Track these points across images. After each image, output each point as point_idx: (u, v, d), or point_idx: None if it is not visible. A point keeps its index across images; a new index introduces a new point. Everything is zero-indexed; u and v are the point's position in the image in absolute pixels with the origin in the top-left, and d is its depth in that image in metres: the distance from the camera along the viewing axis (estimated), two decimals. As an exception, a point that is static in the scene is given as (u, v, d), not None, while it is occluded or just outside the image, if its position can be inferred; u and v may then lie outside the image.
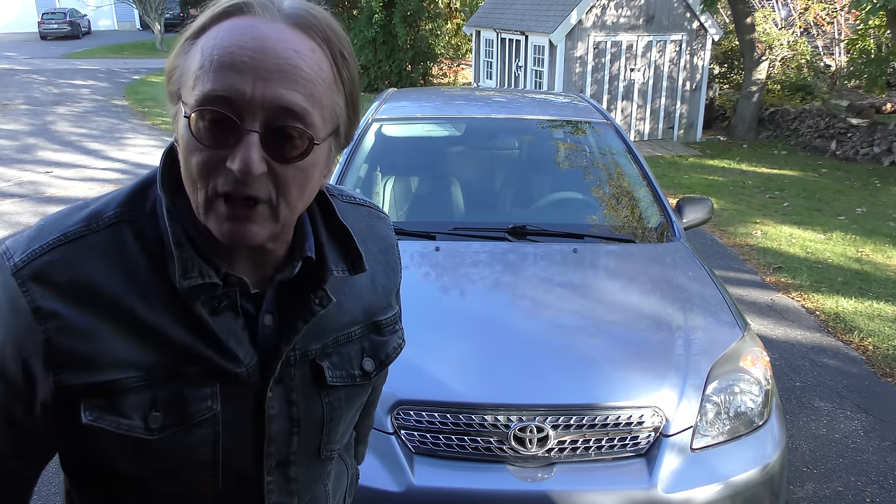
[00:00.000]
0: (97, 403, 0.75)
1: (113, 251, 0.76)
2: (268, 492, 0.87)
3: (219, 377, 0.79)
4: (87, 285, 0.74)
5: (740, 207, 7.65)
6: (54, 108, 13.69)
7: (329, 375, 0.87)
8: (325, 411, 0.89)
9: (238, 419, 0.82)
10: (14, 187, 7.73)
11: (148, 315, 0.76)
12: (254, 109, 0.70)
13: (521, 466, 1.96)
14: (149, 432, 0.77)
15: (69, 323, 0.74)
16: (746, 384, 2.16)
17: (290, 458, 0.88)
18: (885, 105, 11.22)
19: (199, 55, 0.71)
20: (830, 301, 4.97)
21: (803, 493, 2.91)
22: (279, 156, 0.72)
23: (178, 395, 0.77)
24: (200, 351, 0.78)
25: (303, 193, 0.76)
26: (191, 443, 0.80)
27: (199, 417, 0.79)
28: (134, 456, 0.79)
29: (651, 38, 11.43)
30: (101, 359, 0.75)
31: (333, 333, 0.88)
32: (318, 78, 0.72)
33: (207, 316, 0.77)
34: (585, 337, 2.32)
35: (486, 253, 2.81)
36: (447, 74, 19.68)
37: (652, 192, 3.18)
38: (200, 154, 0.71)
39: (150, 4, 27.51)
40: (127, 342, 0.75)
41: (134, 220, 0.78)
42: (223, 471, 0.83)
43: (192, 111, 0.70)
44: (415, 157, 3.55)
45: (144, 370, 0.76)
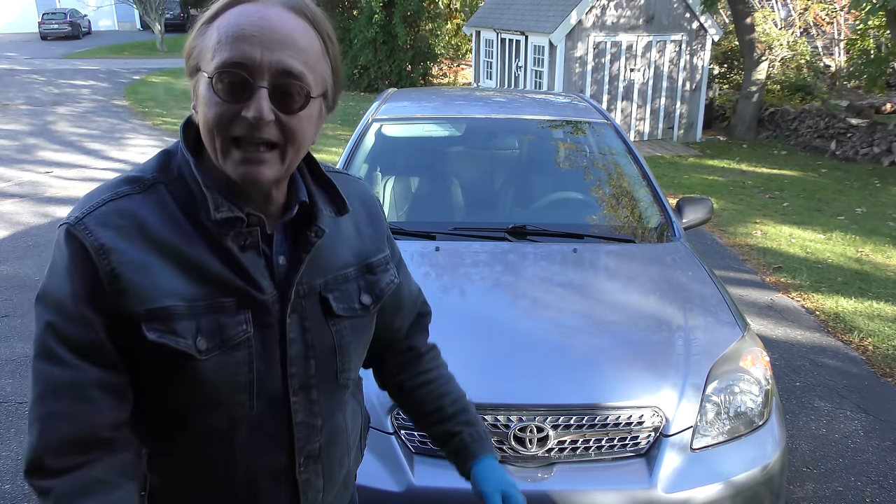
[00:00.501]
0: (156, 326, 0.91)
1: (157, 204, 0.93)
2: (294, 411, 1.02)
3: (249, 306, 0.96)
4: (139, 228, 0.91)
5: (740, 207, 7.65)
6: (54, 108, 13.70)
7: (335, 306, 1.05)
8: (335, 339, 1.05)
9: (266, 343, 0.98)
10: (14, 187, 7.73)
11: (191, 253, 0.93)
12: (262, 71, 0.88)
13: (521, 466, 1.97)
14: (199, 353, 0.93)
15: (128, 257, 0.89)
16: (746, 384, 2.16)
17: (310, 381, 1.03)
18: (884, 105, 11.22)
19: (215, 33, 0.90)
20: (830, 301, 4.97)
21: (803, 493, 2.91)
22: (284, 107, 0.90)
23: (218, 322, 0.94)
24: (233, 282, 0.95)
25: (303, 140, 0.94)
26: (231, 364, 0.95)
27: (236, 339, 0.95)
28: (186, 378, 0.94)
29: (651, 39, 11.43)
30: (156, 289, 0.90)
31: (332, 272, 1.06)
32: (310, 49, 0.92)
33: (237, 251, 0.95)
34: (585, 337, 2.32)
35: (486, 253, 2.81)
36: (447, 74, 19.68)
37: (652, 192, 3.18)
38: (220, 107, 0.89)
39: (151, 5, 27.50)
40: (175, 276, 0.92)
41: (167, 183, 0.95)
42: (257, 392, 0.98)
43: (213, 74, 0.88)
44: (415, 157, 3.55)
45: (189, 301, 0.92)
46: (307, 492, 1.08)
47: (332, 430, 1.10)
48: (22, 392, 3.55)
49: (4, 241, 5.90)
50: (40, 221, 6.48)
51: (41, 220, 6.50)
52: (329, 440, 1.10)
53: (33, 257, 5.50)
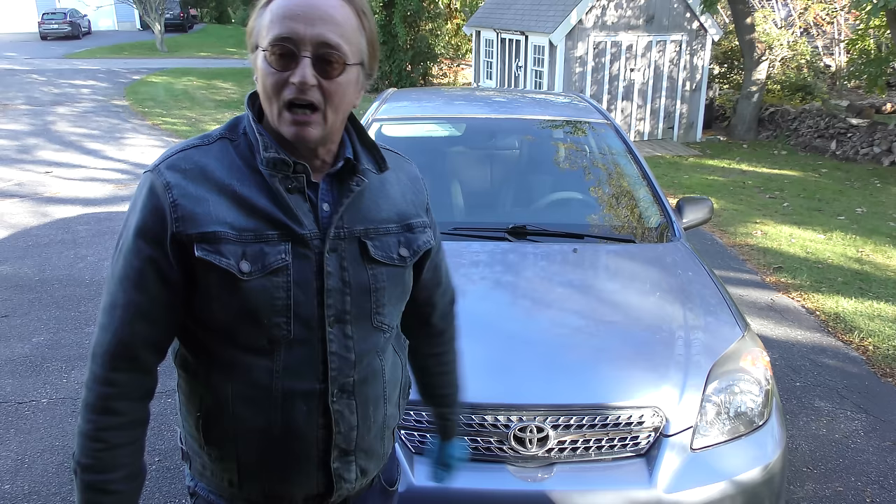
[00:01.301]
0: (205, 247, 1.08)
1: (220, 154, 1.13)
2: (329, 340, 1.15)
3: (290, 238, 1.11)
4: (200, 170, 1.10)
5: (740, 207, 7.65)
6: (54, 108, 13.70)
7: (372, 251, 1.18)
8: (371, 281, 1.18)
9: (304, 274, 1.12)
10: (14, 187, 7.73)
11: (242, 191, 1.10)
12: (305, 44, 1.05)
13: (521, 466, 1.96)
14: (241, 273, 1.08)
15: (188, 192, 1.09)
16: (746, 384, 2.16)
17: (346, 316, 1.16)
18: (885, 105, 11.22)
19: (269, 14, 1.08)
20: (830, 301, 4.97)
21: (803, 493, 2.91)
22: (324, 73, 1.07)
23: (261, 251, 1.10)
24: (278, 217, 1.10)
25: (342, 102, 1.11)
26: (270, 286, 1.10)
27: (275, 265, 1.10)
28: (230, 295, 1.09)
29: (651, 38, 11.43)
30: (209, 217, 1.08)
31: (374, 223, 1.19)
32: (346, 24, 1.08)
33: (283, 192, 1.11)
34: (585, 337, 2.32)
35: (486, 253, 2.81)
36: (447, 74, 19.68)
37: (652, 192, 3.18)
38: (273, 76, 1.07)
39: (151, 5, 27.50)
40: (227, 209, 1.09)
41: (233, 139, 1.15)
42: (294, 318, 1.12)
43: (267, 48, 1.06)
44: (415, 157, 3.50)
45: (238, 230, 1.09)
46: (340, 423, 1.18)
47: (368, 370, 1.21)
48: (22, 392, 3.55)
49: (4, 241, 5.90)
50: (40, 221, 6.47)
51: (41, 220, 6.50)
52: (364, 378, 1.20)
53: (33, 257, 5.50)
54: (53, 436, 3.19)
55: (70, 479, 2.87)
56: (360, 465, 1.24)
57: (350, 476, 1.23)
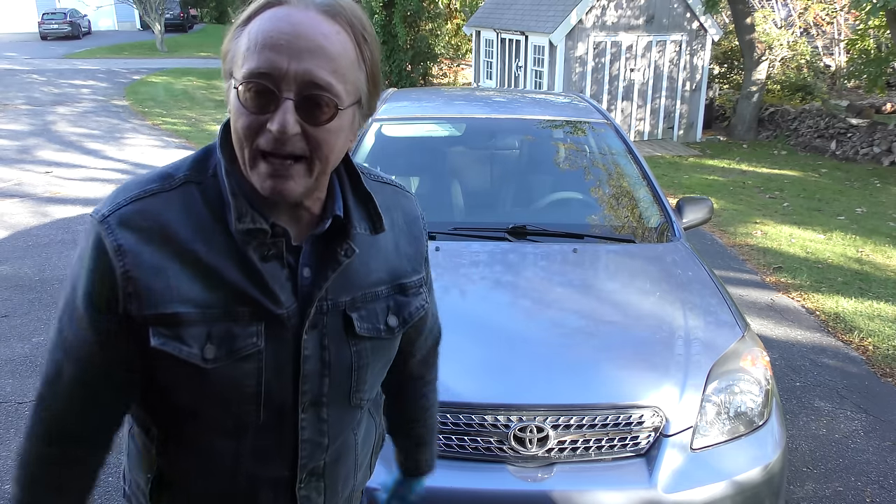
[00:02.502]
0: (163, 332, 0.90)
1: (183, 205, 0.92)
2: (301, 427, 1.01)
3: (264, 318, 0.93)
4: (160, 231, 0.90)
5: (740, 207, 7.65)
6: (54, 108, 13.70)
7: (357, 326, 1.01)
8: (354, 359, 1.02)
9: (278, 357, 0.96)
10: (14, 187, 7.73)
11: (209, 259, 0.91)
12: (289, 81, 0.84)
13: (521, 466, 1.96)
14: (204, 361, 0.91)
15: (144, 260, 0.89)
16: (746, 384, 2.16)
17: (322, 398, 1.01)
18: (885, 105, 11.22)
19: (246, 39, 0.87)
20: (830, 301, 4.97)
21: (803, 493, 2.91)
22: (310, 119, 0.86)
23: (229, 332, 0.92)
24: (250, 292, 0.92)
25: (332, 152, 0.91)
26: (238, 375, 0.94)
27: (245, 352, 0.93)
28: (192, 383, 0.93)
29: (651, 38, 11.43)
30: (168, 294, 0.89)
31: (361, 290, 1.02)
32: (342, 57, 0.87)
33: (257, 261, 0.92)
34: (585, 337, 2.32)
35: (486, 253, 2.81)
36: (447, 74, 19.68)
37: (652, 192, 3.18)
38: (247, 118, 0.86)
39: (151, 5, 27.49)
40: (190, 282, 0.90)
41: (200, 182, 0.93)
42: (265, 404, 0.97)
43: (240, 84, 0.86)
44: (415, 157, 3.55)
45: (203, 308, 0.90)
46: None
47: (340, 449, 1.08)
48: (22, 392, 3.55)
49: (4, 241, 5.90)
50: (40, 221, 6.47)
51: (41, 220, 6.50)
52: (336, 459, 1.08)
53: (33, 257, 5.50)
54: (53, 436, 3.19)
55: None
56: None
57: None
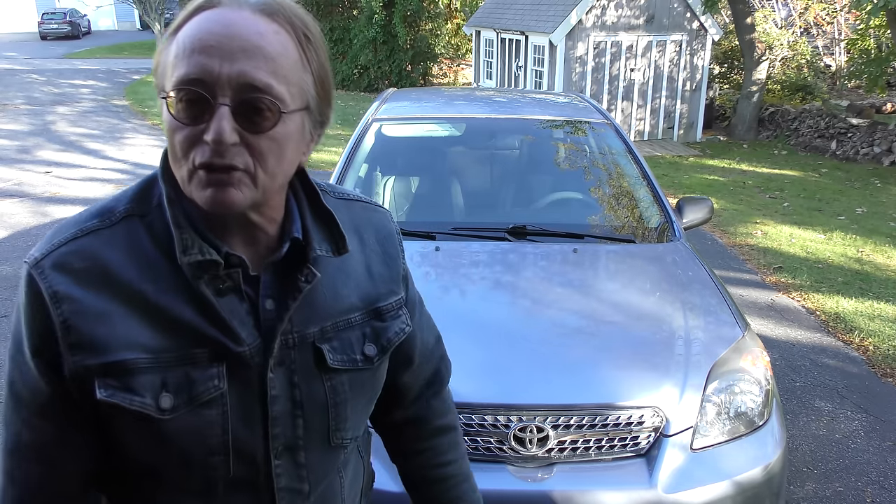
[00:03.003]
0: (110, 382, 0.80)
1: (125, 242, 0.83)
2: (276, 475, 0.91)
3: (224, 358, 0.84)
4: (100, 272, 0.81)
5: (740, 207, 7.65)
6: (54, 108, 13.70)
7: (330, 358, 0.91)
8: (329, 395, 0.92)
9: (244, 400, 0.86)
10: (14, 187, 7.73)
11: (158, 298, 0.82)
12: (223, 86, 0.76)
13: (521, 466, 1.96)
14: (160, 412, 0.82)
15: (84, 306, 0.80)
16: (746, 384, 2.16)
17: (297, 442, 0.91)
18: (885, 105, 11.22)
19: (174, 47, 0.79)
20: (831, 301, 4.97)
21: (803, 493, 2.91)
22: (251, 127, 0.78)
23: (187, 377, 0.83)
24: (206, 332, 0.83)
25: (280, 163, 0.82)
26: (201, 423, 0.84)
27: (206, 396, 0.84)
28: (148, 439, 0.83)
29: (651, 38, 11.43)
30: (114, 340, 0.80)
31: (331, 319, 0.93)
32: (281, 56, 0.79)
33: (212, 297, 0.83)
34: (585, 337, 2.32)
35: (486, 253, 2.81)
36: (447, 74, 19.69)
37: (652, 192, 3.18)
38: (181, 132, 0.78)
39: (150, 4, 27.45)
40: (139, 325, 0.81)
41: (143, 215, 0.85)
42: (234, 455, 0.87)
43: (170, 92, 0.77)
44: (415, 157, 3.55)
45: (155, 353, 0.82)
46: None
47: (325, 494, 0.99)
48: (22, 392, 3.54)
49: (4, 241, 5.90)
50: (40, 221, 6.47)
51: (41, 220, 6.50)
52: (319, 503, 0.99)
53: (33, 257, 5.49)
54: (53, 436, 3.19)
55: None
56: None
57: None
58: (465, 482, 1.16)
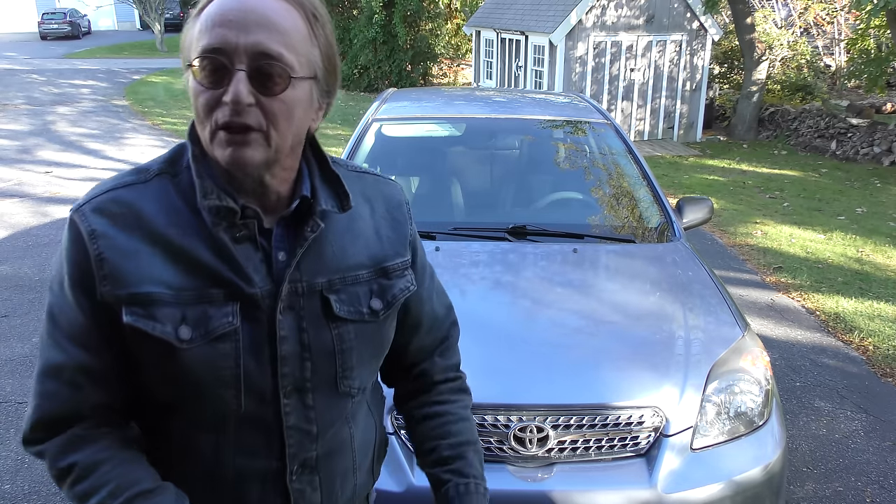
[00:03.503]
0: (136, 311, 0.92)
1: (157, 195, 0.95)
2: (285, 413, 0.99)
3: (238, 298, 0.95)
4: (133, 217, 0.93)
5: (740, 207, 7.65)
6: (54, 108, 13.70)
7: (336, 308, 1.01)
8: (335, 343, 1.01)
9: (255, 339, 0.96)
10: (14, 187, 7.73)
11: (182, 242, 0.93)
12: (240, 54, 0.88)
13: (521, 466, 1.96)
14: (179, 342, 0.92)
15: (117, 244, 0.92)
16: (746, 384, 2.16)
17: (305, 384, 1.00)
18: (885, 105, 11.22)
19: (198, 24, 0.91)
20: (830, 301, 4.97)
21: (803, 493, 2.91)
22: (264, 90, 0.89)
23: (204, 313, 0.94)
24: (223, 274, 0.94)
25: (290, 124, 0.93)
26: (215, 355, 0.94)
27: (221, 330, 0.94)
28: (168, 368, 0.93)
29: (651, 38, 11.43)
30: (141, 274, 0.92)
31: (339, 273, 1.02)
32: (291, 30, 0.91)
33: (229, 242, 0.94)
34: (585, 337, 2.32)
35: (486, 253, 2.81)
36: (447, 74, 19.69)
37: (652, 192, 3.18)
38: (204, 95, 0.90)
39: (150, 4, 27.50)
40: (164, 265, 0.93)
41: (174, 174, 0.97)
42: (245, 390, 0.96)
43: (195, 61, 0.90)
44: (415, 157, 3.55)
45: (176, 290, 0.93)
46: (299, 502, 1.04)
47: (333, 441, 1.06)
48: (22, 392, 3.55)
49: (4, 241, 5.90)
50: (40, 221, 6.47)
51: (41, 220, 6.50)
52: (329, 452, 1.05)
53: (33, 257, 5.50)
54: (53, 436, 3.19)
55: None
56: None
57: None
58: (457, 422, 1.20)
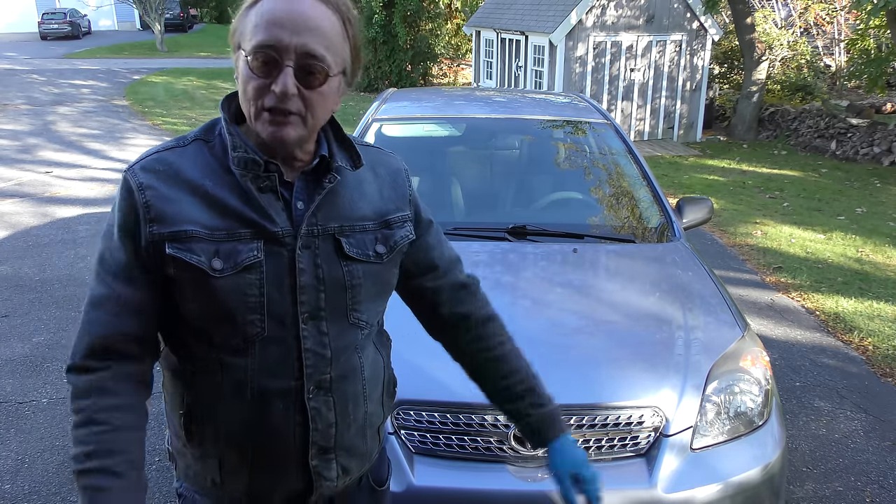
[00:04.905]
0: (177, 245, 1.10)
1: (194, 155, 1.14)
2: (303, 337, 1.15)
3: (262, 236, 1.13)
4: (174, 173, 1.12)
5: (740, 207, 7.65)
6: (55, 108, 13.70)
7: (346, 248, 1.18)
8: (346, 278, 1.18)
9: (277, 270, 1.13)
10: (14, 187, 7.73)
11: (215, 191, 1.12)
12: (290, 52, 1.05)
13: (521, 466, 1.96)
14: (213, 271, 1.10)
15: (160, 193, 1.11)
16: (746, 384, 2.16)
17: (320, 312, 1.16)
18: (885, 105, 11.22)
19: (254, 17, 1.07)
20: (830, 301, 4.97)
21: (803, 493, 2.91)
22: (306, 83, 1.08)
23: (234, 248, 1.11)
24: (250, 216, 1.12)
25: (323, 111, 1.12)
26: (243, 284, 1.11)
27: (247, 262, 1.11)
28: (202, 295, 1.11)
29: (651, 38, 11.43)
30: (180, 216, 1.10)
31: (349, 221, 1.20)
32: (331, 34, 1.09)
33: (255, 191, 1.12)
34: (585, 337, 2.32)
35: (486, 253, 2.81)
36: (447, 74, 19.68)
37: (652, 192, 3.18)
38: (255, 81, 1.07)
39: (150, 4, 27.49)
40: (200, 210, 1.11)
41: (208, 140, 1.16)
42: (268, 313, 1.13)
43: (250, 54, 1.07)
44: (415, 157, 3.54)
45: (210, 229, 1.11)
46: (317, 420, 1.18)
47: (345, 366, 1.21)
48: (22, 392, 3.55)
49: (4, 241, 5.90)
50: (40, 221, 6.48)
51: (41, 220, 6.50)
52: (341, 375, 1.20)
53: (33, 257, 5.50)
54: (54, 436, 3.19)
55: (70, 479, 2.87)
56: (342, 464, 1.24)
57: (330, 474, 1.23)
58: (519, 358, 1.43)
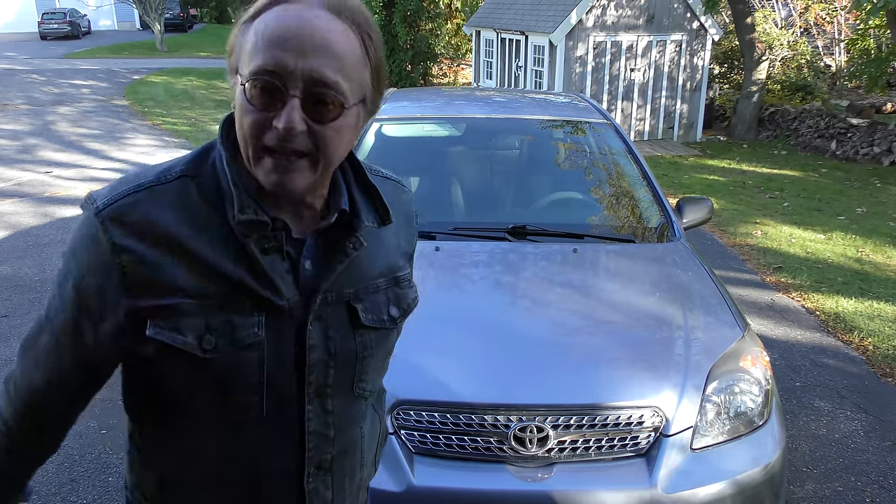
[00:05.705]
0: (160, 323, 0.90)
1: (179, 199, 0.92)
2: (308, 419, 1.00)
3: (265, 309, 0.94)
4: (155, 225, 0.90)
5: (740, 207, 7.65)
6: (55, 108, 13.69)
7: (363, 317, 1.02)
8: (359, 349, 1.02)
9: (281, 348, 0.96)
10: (14, 187, 7.73)
11: (206, 251, 0.91)
12: (296, 79, 0.85)
13: (521, 466, 1.96)
14: (203, 352, 0.91)
15: (140, 256, 0.89)
16: (746, 384, 2.16)
17: (327, 390, 1.01)
18: (885, 105, 11.22)
19: (252, 35, 0.87)
20: (830, 301, 4.97)
21: (803, 493, 2.91)
22: (316, 117, 0.87)
23: (229, 323, 0.92)
24: (250, 284, 0.92)
25: (338, 149, 0.91)
26: (240, 363, 0.93)
27: (247, 341, 0.93)
28: (191, 373, 0.93)
29: (651, 38, 11.43)
30: (165, 286, 0.90)
31: (364, 282, 1.03)
32: (348, 55, 0.87)
33: (258, 254, 0.92)
34: (585, 337, 2.32)
35: (486, 253, 2.81)
36: (447, 74, 19.68)
37: (652, 192, 3.18)
38: (252, 115, 0.86)
39: (150, 4, 27.49)
40: (187, 274, 0.90)
41: (196, 176, 0.94)
42: (267, 394, 0.96)
43: (246, 81, 0.86)
44: (415, 157, 3.55)
45: (200, 298, 0.91)
46: (314, 501, 1.06)
47: (346, 442, 1.08)
48: (22, 392, 3.55)
49: (4, 241, 5.90)
50: (40, 221, 6.47)
51: (41, 220, 6.50)
52: (342, 451, 1.07)
53: (33, 257, 5.50)
54: (53, 436, 3.19)
55: (71, 479, 2.88)
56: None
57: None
58: None
